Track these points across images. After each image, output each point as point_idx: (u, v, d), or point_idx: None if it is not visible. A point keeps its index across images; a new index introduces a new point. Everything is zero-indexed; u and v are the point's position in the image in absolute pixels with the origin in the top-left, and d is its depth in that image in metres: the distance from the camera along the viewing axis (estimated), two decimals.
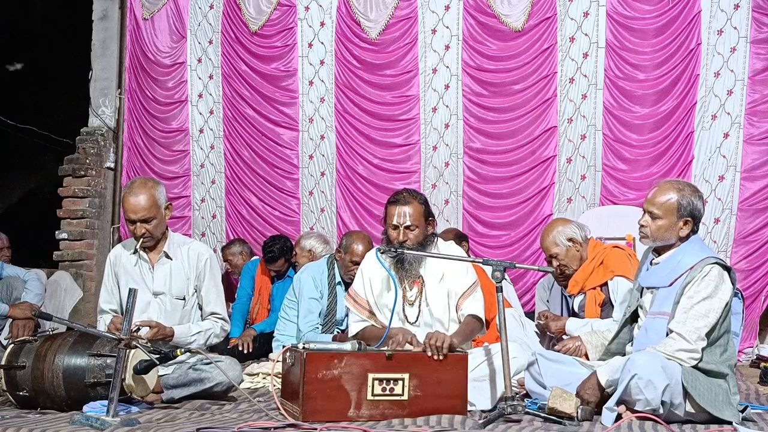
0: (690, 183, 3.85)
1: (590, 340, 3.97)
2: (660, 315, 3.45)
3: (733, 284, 3.43)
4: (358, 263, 4.51)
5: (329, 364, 3.23)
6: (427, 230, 3.91)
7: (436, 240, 3.99)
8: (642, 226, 3.54)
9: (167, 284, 3.96)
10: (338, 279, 5.20)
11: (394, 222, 3.84)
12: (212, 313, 4.03)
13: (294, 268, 5.98)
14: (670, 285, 3.45)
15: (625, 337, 3.67)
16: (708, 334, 3.34)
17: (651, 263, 3.59)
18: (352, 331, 4.01)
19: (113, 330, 3.61)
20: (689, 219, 3.47)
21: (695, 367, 3.32)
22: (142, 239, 3.89)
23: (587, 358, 3.91)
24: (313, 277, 5.20)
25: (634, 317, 3.66)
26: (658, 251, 3.57)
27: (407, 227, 3.83)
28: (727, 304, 3.39)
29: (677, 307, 3.37)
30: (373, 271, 3.97)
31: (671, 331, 3.35)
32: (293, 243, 6.15)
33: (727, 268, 3.43)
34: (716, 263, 3.40)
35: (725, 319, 3.40)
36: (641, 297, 3.63)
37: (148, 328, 3.72)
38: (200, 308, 4.05)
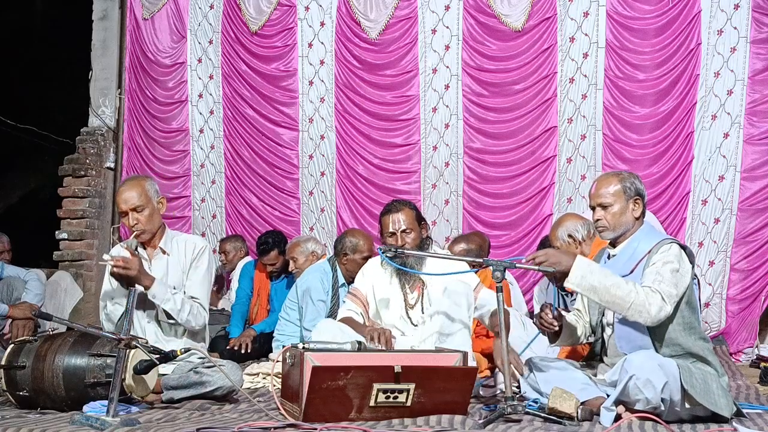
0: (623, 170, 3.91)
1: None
2: None
3: (691, 263, 3.44)
4: (369, 257, 4.63)
5: (335, 375, 3.16)
6: (422, 234, 4.10)
7: (431, 243, 4.17)
8: (597, 220, 3.55)
9: (164, 279, 3.94)
10: (341, 282, 5.22)
11: (390, 229, 4.05)
12: (191, 297, 3.93)
13: (293, 275, 5.97)
14: (631, 272, 3.44)
15: (598, 348, 3.67)
16: (676, 309, 3.34)
17: (608, 257, 3.60)
18: (339, 315, 4.12)
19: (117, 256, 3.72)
20: (638, 198, 3.53)
21: (686, 353, 3.33)
22: (135, 231, 3.88)
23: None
24: (322, 279, 5.22)
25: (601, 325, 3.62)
26: (614, 243, 3.59)
27: (403, 231, 4.04)
28: (688, 285, 3.40)
29: (646, 272, 3.35)
30: (376, 276, 4.12)
31: (647, 287, 3.30)
32: (287, 239, 6.20)
33: (684, 247, 3.47)
34: (674, 242, 3.44)
35: (690, 300, 3.40)
36: None
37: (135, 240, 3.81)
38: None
